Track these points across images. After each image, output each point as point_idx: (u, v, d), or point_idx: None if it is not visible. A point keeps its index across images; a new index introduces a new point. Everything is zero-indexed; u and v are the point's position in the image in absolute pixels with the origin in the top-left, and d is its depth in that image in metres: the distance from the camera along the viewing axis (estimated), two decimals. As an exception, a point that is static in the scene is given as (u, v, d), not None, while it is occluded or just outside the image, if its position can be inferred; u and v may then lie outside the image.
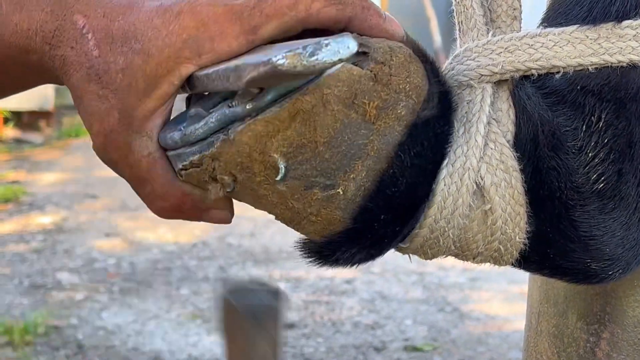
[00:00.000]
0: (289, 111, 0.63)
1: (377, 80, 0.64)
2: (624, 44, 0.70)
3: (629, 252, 0.72)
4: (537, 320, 0.89)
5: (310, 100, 0.63)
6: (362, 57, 0.65)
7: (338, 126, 0.63)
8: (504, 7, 0.74)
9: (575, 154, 0.70)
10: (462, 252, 0.72)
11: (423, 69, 0.66)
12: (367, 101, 0.64)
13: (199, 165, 0.64)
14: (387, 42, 0.66)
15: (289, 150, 0.63)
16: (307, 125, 0.63)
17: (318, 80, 0.63)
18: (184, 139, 0.65)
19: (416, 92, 0.65)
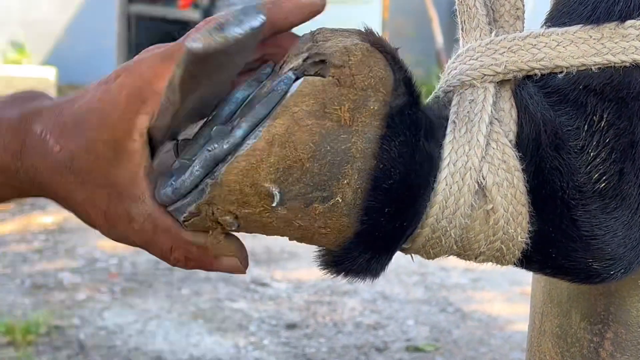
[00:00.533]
0: (266, 139, 0.64)
1: (342, 84, 0.65)
2: (627, 44, 0.70)
3: (631, 252, 0.72)
4: (540, 320, 0.89)
5: (282, 122, 0.64)
6: (321, 65, 0.65)
7: (317, 139, 0.64)
8: (507, 6, 0.74)
9: (577, 154, 0.70)
10: (464, 251, 0.72)
11: (383, 60, 0.66)
12: (337, 107, 0.64)
13: (198, 214, 0.65)
14: (342, 42, 0.66)
15: (277, 175, 0.64)
16: (287, 147, 0.64)
17: (284, 101, 0.64)
18: (176, 193, 0.66)
19: (382, 83, 0.65)
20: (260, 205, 0.65)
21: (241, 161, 0.64)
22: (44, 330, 3.60)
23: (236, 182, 0.64)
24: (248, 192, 0.64)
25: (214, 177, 0.64)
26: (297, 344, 3.62)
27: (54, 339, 3.57)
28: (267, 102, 0.65)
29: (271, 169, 0.64)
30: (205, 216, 0.65)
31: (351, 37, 0.67)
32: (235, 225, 0.66)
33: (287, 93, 0.65)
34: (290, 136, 0.64)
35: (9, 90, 4.21)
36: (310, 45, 0.67)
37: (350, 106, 0.65)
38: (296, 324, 3.79)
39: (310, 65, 0.66)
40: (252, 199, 0.64)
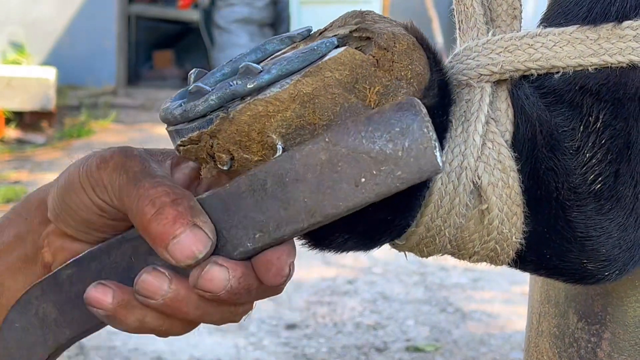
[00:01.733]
0: (290, 92, 0.62)
1: (379, 66, 0.64)
2: (624, 45, 0.70)
3: (626, 254, 0.72)
4: (538, 320, 0.89)
5: (311, 82, 0.63)
6: (366, 42, 0.65)
7: (338, 110, 0.63)
8: (504, 6, 0.73)
9: (572, 155, 0.70)
10: (459, 251, 0.72)
11: (425, 58, 0.66)
12: (368, 86, 0.64)
13: (197, 142, 0.64)
14: (391, 28, 0.66)
15: (287, 131, 0.63)
16: (307, 108, 0.63)
17: (320, 63, 0.63)
18: (183, 115, 0.64)
19: (417, 79, 0.65)
20: (260, 154, 0.64)
21: (259, 105, 0.62)
22: (43, 330, 3.60)
23: (246, 123, 0.63)
24: (254, 137, 0.63)
25: (226, 112, 0.63)
26: (297, 344, 3.62)
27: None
28: (303, 57, 0.64)
29: (284, 123, 0.63)
30: (202, 146, 0.64)
31: (399, 27, 0.67)
32: (228, 165, 0.64)
33: (325, 56, 0.64)
34: (314, 98, 0.63)
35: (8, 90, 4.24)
36: (359, 20, 0.67)
37: (380, 90, 0.64)
38: (296, 324, 3.79)
39: (355, 39, 0.66)
40: (255, 146, 0.63)
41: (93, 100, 8.14)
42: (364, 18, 0.67)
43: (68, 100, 7.96)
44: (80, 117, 7.63)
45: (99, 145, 7.15)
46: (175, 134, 0.65)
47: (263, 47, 0.70)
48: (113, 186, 0.61)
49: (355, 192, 0.60)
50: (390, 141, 0.60)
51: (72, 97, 8.06)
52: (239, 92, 0.63)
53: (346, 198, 0.60)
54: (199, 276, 0.60)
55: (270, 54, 0.70)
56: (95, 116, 7.75)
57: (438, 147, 0.59)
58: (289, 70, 0.63)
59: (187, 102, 0.65)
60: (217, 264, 0.60)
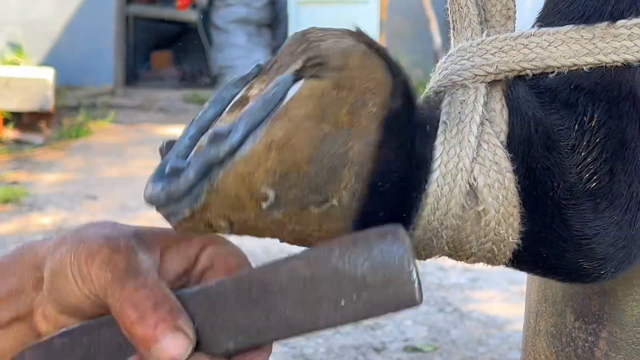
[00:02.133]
0: (264, 143, 0.62)
1: (340, 87, 0.63)
2: (619, 44, 0.70)
3: (622, 252, 0.72)
4: (535, 319, 0.89)
5: (281, 126, 0.62)
6: (318, 67, 0.64)
7: (315, 142, 0.63)
8: (498, 6, 0.73)
9: (568, 154, 0.70)
10: (456, 252, 0.72)
11: (381, 62, 0.65)
12: (336, 110, 0.63)
13: (192, 218, 0.64)
14: (338, 44, 0.65)
15: (274, 179, 0.63)
16: (285, 151, 0.63)
17: (283, 105, 0.63)
18: (169, 197, 0.65)
19: (380, 87, 0.65)
20: (255, 210, 0.64)
21: (238, 166, 0.62)
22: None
23: (233, 187, 0.63)
24: (244, 196, 0.63)
25: (210, 182, 0.63)
26: (295, 344, 3.62)
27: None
28: (266, 104, 0.64)
29: (268, 173, 0.63)
30: (199, 220, 0.64)
31: (344, 37, 0.67)
32: (229, 229, 0.65)
33: (286, 96, 0.64)
34: (288, 140, 0.63)
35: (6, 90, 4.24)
36: (305, 47, 0.66)
37: (348, 109, 0.64)
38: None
39: (308, 67, 0.65)
40: (248, 204, 0.64)
41: (91, 100, 8.14)
42: (309, 40, 0.66)
43: (66, 101, 7.96)
44: (79, 118, 7.63)
45: (98, 146, 7.16)
46: (169, 217, 0.66)
47: (220, 97, 0.70)
48: (100, 283, 0.63)
49: (334, 313, 0.61)
50: (371, 269, 0.60)
51: (71, 98, 8.06)
52: (214, 160, 0.63)
53: (326, 317, 0.61)
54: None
55: (229, 100, 0.70)
56: (93, 116, 7.75)
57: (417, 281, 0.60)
58: (256, 122, 0.63)
59: (168, 183, 0.65)
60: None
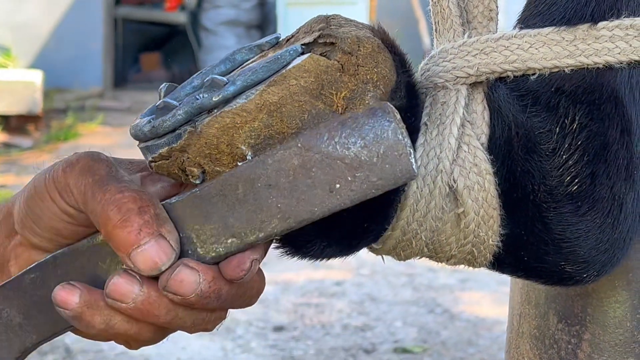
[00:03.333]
0: (256, 103, 0.62)
1: (345, 71, 0.64)
2: (600, 46, 0.70)
3: (604, 255, 0.72)
4: (518, 321, 0.89)
5: (277, 91, 0.63)
6: (330, 48, 0.64)
7: (305, 117, 0.63)
8: (480, 8, 0.73)
9: (549, 156, 0.70)
10: (436, 254, 0.72)
11: (391, 60, 0.65)
12: (334, 92, 0.64)
13: (167, 157, 0.64)
14: (355, 32, 0.65)
15: (256, 141, 0.63)
16: (274, 117, 0.63)
17: (284, 72, 0.63)
18: (152, 131, 0.65)
19: (384, 82, 0.65)
20: (231, 166, 0.63)
21: (225, 117, 0.63)
22: (30, 335, 3.58)
23: (215, 136, 0.63)
24: (223, 149, 0.63)
25: (194, 126, 0.63)
26: (285, 346, 3.61)
27: (40, 343, 3.55)
28: (268, 66, 0.64)
29: (252, 133, 0.63)
30: (173, 161, 0.64)
31: (364, 29, 0.67)
32: (200, 178, 0.64)
33: (290, 64, 0.64)
34: (280, 107, 0.63)
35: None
36: (323, 26, 0.66)
37: (347, 94, 0.64)
38: (284, 326, 3.78)
39: (320, 45, 0.65)
40: (225, 157, 0.63)
41: (80, 103, 8.11)
42: (329, 23, 0.67)
43: (55, 104, 7.94)
44: (67, 121, 7.61)
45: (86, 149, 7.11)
46: (146, 151, 0.66)
47: (232, 57, 0.70)
48: (79, 189, 0.61)
49: (329, 197, 0.60)
50: (364, 147, 0.60)
51: (59, 100, 8.04)
52: (205, 105, 0.63)
53: (320, 203, 0.60)
54: (168, 278, 0.60)
55: (240, 63, 0.70)
56: (82, 119, 7.73)
57: (413, 153, 0.60)
58: (254, 80, 0.63)
59: (155, 118, 0.65)
60: (187, 266, 0.60)
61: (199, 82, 0.69)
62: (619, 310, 0.78)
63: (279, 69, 0.64)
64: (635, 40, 0.69)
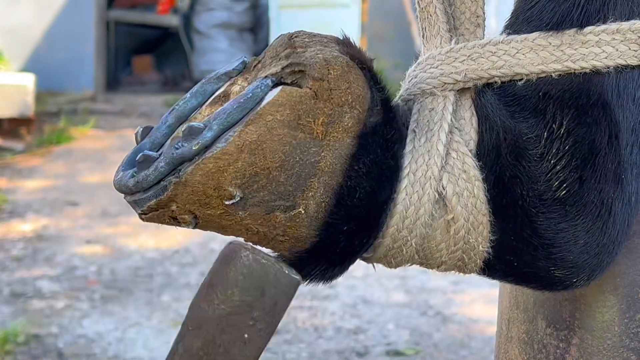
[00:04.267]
0: (236, 144, 0.63)
1: (318, 97, 0.64)
2: (587, 50, 0.70)
3: (594, 259, 0.72)
4: (507, 326, 0.89)
5: (255, 129, 0.63)
6: (299, 75, 0.64)
7: (287, 149, 0.64)
8: (467, 14, 0.73)
9: (537, 162, 0.70)
10: (426, 260, 0.72)
11: (362, 77, 0.66)
12: (312, 119, 0.64)
13: (157, 209, 0.65)
14: (322, 54, 0.65)
15: (242, 181, 0.63)
16: (256, 154, 0.63)
17: (259, 109, 0.63)
18: (137, 186, 0.65)
19: (359, 101, 0.65)
20: (221, 208, 0.64)
21: (208, 163, 0.63)
22: (22, 339, 3.58)
23: (200, 183, 0.63)
24: (211, 193, 0.64)
25: (178, 176, 0.64)
26: (278, 349, 3.61)
27: (32, 347, 3.54)
28: (242, 106, 0.64)
29: (237, 174, 0.63)
30: (164, 212, 0.65)
31: (330, 45, 0.67)
32: (193, 223, 0.65)
33: (263, 100, 0.64)
34: (261, 144, 0.63)
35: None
36: (288, 52, 0.66)
37: (324, 120, 0.64)
38: (276, 329, 3.77)
39: (288, 73, 0.66)
40: (214, 201, 0.64)
41: (72, 106, 8.10)
42: (294, 45, 0.67)
43: (47, 107, 7.92)
44: (60, 124, 7.59)
45: (79, 152, 7.13)
46: (134, 205, 0.66)
47: (202, 90, 0.71)
48: None
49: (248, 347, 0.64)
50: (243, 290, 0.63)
51: (51, 104, 8.02)
52: (186, 155, 0.64)
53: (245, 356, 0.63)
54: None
55: (211, 93, 0.71)
56: (74, 122, 7.71)
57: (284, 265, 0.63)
58: (231, 122, 0.64)
59: (138, 171, 0.66)
60: None
61: (173, 120, 0.69)
62: (606, 315, 0.79)
63: (254, 107, 0.64)
64: (622, 44, 0.70)
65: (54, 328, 3.71)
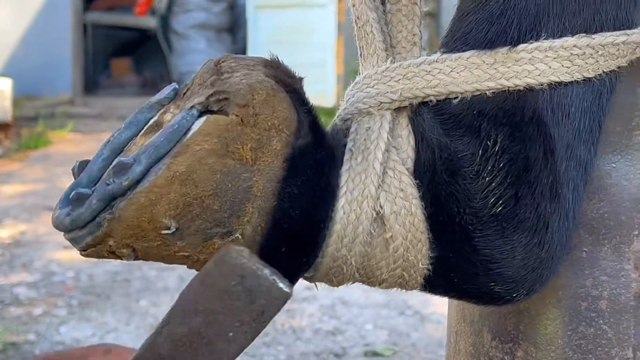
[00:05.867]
0: (165, 177, 0.63)
1: (245, 124, 0.64)
2: (520, 68, 0.71)
3: (533, 274, 0.72)
4: (455, 339, 0.89)
5: (183, 160, 0.64)
6: (225, 102, 0.65)
7: (218, 177, 0.64)
8: (404, 32, 0.74)
9: (472, 179, 0.70)
10: (368, 278, 0.72)
11: (288, 100, 0.66)
12: (240, 146, 0.64)
13: (94, 245, 0.65)
14: (247, 78, 0.65)
15: (176, 211, 0.64)
16: (187, 185, 0.64)
17: (185, 140, 0.64)
18: (72, 224, 0.66)
19: (286, 124, 0.65)
20: (158, 240, 0.65)
21: (140, 197, 0.64)
22: (-1, 347, 3.56)
23: (134, 217, 0.64)
24: (146, 227, 0.64)
25: (112, 212, 0.64)
26: (256, 352, 3.61)
27: (9, 356, 3.53)
28: (169, 138, 0.65)
29: (170, 205, 0.64)
30: (102, 247, 0.65)
31: (256, 69, 0.67)
32: (132, 256, 0.66)
33: (190, 130, 0.65)
34: (191, 174, 0.64)
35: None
36: (214, 79, 0.66)
37: (252, 145, 0.65)
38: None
39: (214, 101, 0.66)
40: (150, 234, 0.64)
41: (50, 110, 8.07)
42: (220, 71, 0.67)
43: (25, 111, 7.89)
44: (37, 128, 7.57)
45: (57, 156, 7.10)
46: (73, 242, 0.67)
47: (136, 120, 0.71)
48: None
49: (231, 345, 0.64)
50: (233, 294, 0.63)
51: (29, 108, 7.99)
52: (117, 191, 0.65)
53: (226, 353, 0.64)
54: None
55: (145, 122, 0.71)
56: (52, 126, 7.69)
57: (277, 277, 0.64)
58: (159, 155, 0.64)
59: (72, 210, 0.66)
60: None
61: (108, 152, 0.70)
62: (550, 327, 0.79)
63: (180, 138, 0.64)
64: (555, 61, 0.70)
65: (31, 335, 3.70)
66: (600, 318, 0.77)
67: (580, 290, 0.78)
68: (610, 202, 0.76)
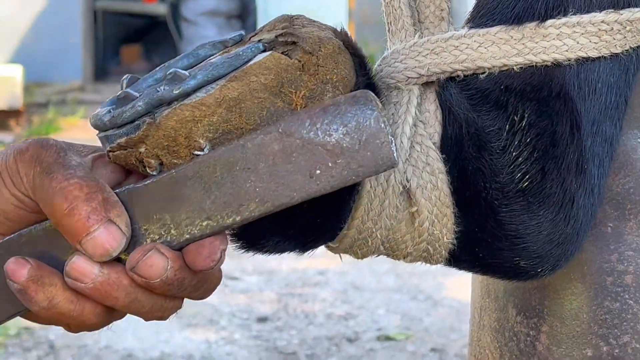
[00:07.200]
0: (215, 97, 0.63)
1: (305, 70, 0.64)
2: (548, 43, 0.71)
3: (558, 249, 0.73)
4: (479, 314, 0.90)
5: (237, 87, 0.63)
6: (291, 47, 0.65)
7: (264, 114, 0.64)
8: (432, 8, 0.74)
9: (499, 154, 0.71)
10: (392, 252, 0.73)
11: (351, 61, 0.66)
12: (294, 90, 0.64)
13: (125, 147, 0.64)
14: (317, 32, 0.66)
15: (214, 135, 0.63)
16: (233, 112, 0.63)
17: (245, 68, 0.64)
18: (112, 121, 0.65)
19: (343, 83, 0.65)
20: (188, 159, 0.64)
21: (185, 110, 0.63)
22: (13, 331, 3.59)
23: (173, 128, 0.63)
24: (181, 142, 0.63)
25: (153, 117, 0.64)
26: (269, 337, 3.63)
27: (23, 340, 3.55)
28: (229, 62, 0.64)
29: (210, 127, 0.63)
30: (131, 152, 0.65)
31: (327, 30, 0.67)
32: (157, 169, 0.65)
33: (251, 61, 0.65)
34: (239, 102, 0.63)
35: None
36: (286, 25, 0.67)
37: (305, 93, 0.64)
38: (267, 317, 3.79)
39: (281, 43, 0.66)
40: (182, 150, 0.64)
41: (60, 97, 8.09)
42: (292, 22, 0.68)
43: (35, 98, 7.91)
44: (48, 115, 7.59)
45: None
46: (105, 140, 0.66)
47: (195, 53, 0.71)
48: (28, 178, 0.61)
49: (309, 182, 0.61)
50: (346, 134, 0.60)
51: (40, 95, 8.01)
52: (165, 97, 0.64)
53: (300, 188, 0.61)
54: (139, 260, 0.60)
55: (203, 58, 0.71)
56: (63, 113, 7.70)
57: (394, 142, 0.61)
58: (215, 75, 0.64)
59: (115, 108, 0.66)
60: (159, 252, 0.61)
61: (161, 75, 0.69)
62: (575, 303, 0.80)
63: (240, 65, 0.64)
64: (583, 37, 0.70)
65: (45, 320, 3.72)
66: (626, 293, 0.78)
67: (605, 265, 0.79)
68: (635, 177, 0.77)
